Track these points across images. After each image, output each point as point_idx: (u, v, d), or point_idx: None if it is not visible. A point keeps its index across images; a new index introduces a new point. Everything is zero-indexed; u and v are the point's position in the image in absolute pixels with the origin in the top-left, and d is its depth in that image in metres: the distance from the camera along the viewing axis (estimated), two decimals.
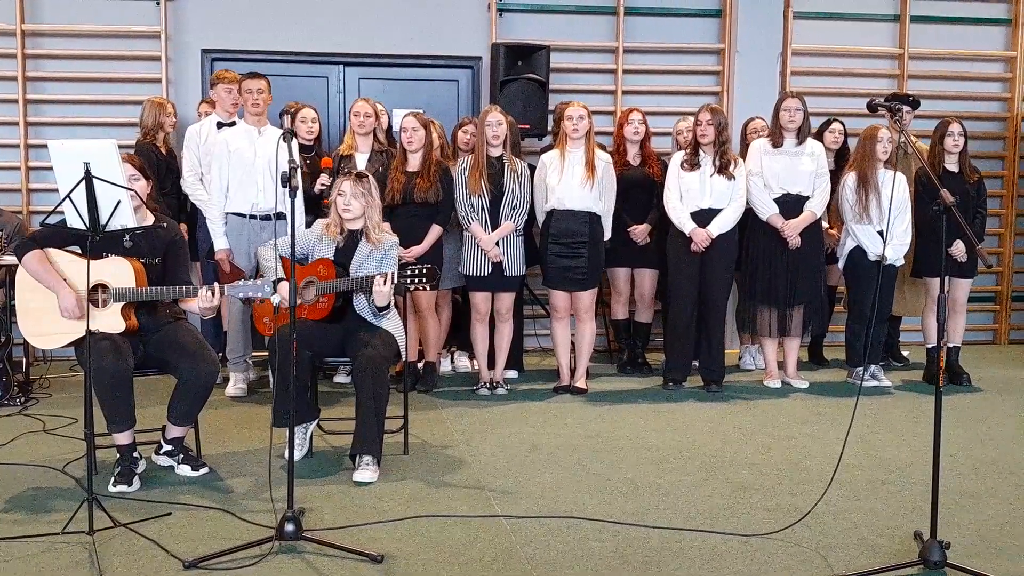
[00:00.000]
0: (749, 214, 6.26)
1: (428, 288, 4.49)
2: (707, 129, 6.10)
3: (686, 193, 6.17)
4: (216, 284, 4.21)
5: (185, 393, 4.30)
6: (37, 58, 7.24)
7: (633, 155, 6.57)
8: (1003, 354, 8.02)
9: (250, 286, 4.13)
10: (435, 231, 5.99)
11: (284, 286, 4.40)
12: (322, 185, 6.06)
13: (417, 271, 4.37)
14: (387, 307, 4.52)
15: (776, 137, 6.26)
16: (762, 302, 6.34)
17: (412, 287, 4.42)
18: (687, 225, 6.12)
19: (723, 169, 6.12)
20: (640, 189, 6.50)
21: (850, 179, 6.31)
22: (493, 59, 7.24)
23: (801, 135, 6.24)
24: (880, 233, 6.21)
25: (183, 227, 6.12)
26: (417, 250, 5.89)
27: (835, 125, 6.85)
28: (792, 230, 6.18)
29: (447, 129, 6.70)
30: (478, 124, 6.11)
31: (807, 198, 6.25)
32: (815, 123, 6.78)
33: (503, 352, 6.24)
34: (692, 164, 6.17)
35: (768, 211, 6.23)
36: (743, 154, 6.45)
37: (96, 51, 7.25)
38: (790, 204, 6.23)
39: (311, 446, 4.75)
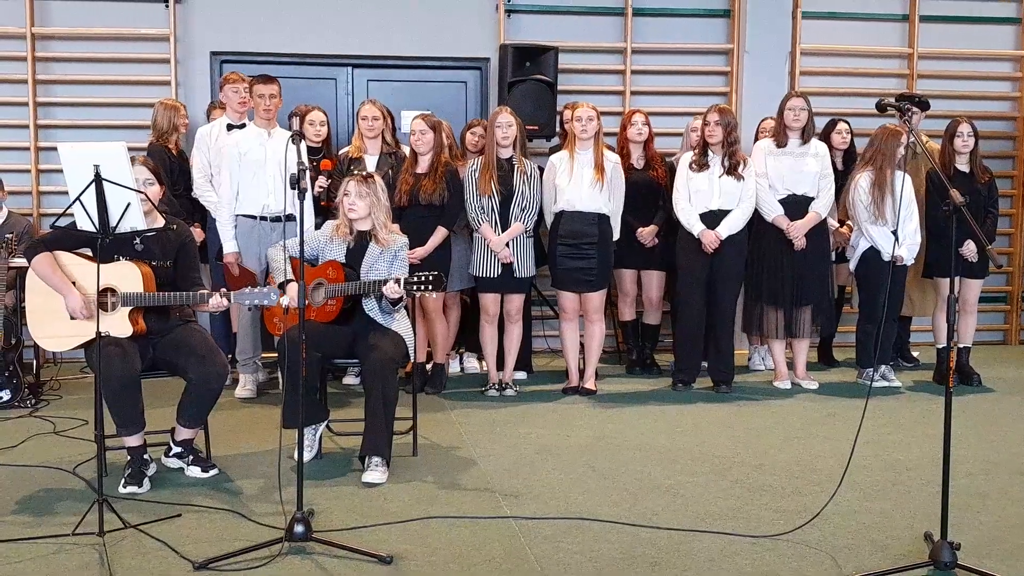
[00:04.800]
0: (755, 215, 6.25)
1: (434, 294, 4.48)
2: (715, 130, 6.09)
3: (695, 194, 6.16)
4: (223, 289, 4.23)
5: (194, 395, 4.31)
6: (47, 61, 7.27)
7: (637, 157, 6.56)
8: (1014, 354, 7.98)
9: (256, 294, 4.13)
10: (440, 233, 5.99)
11: (293, 287, 4.42)
12: (320, 187, 6.07)
13: (423, 277, 4.36)
14: (400, 300, 4.52)
15: (780, 137, 6.25)
16: (768, 303, 6.33)
17: (418, 293, 4.41)
18: (696, 227, 6.11)
19: (732, 170, 6.11)
20: (644, 191, 6.47)
21: (864, 180, 6.24)
22: (501, 60, 7.23)
23: (805, 135, 6.22)
24: (894, 233, 6.19)
25: (197, 228, 6.16)
26: (420, 251, 5.89)
27: (841, 125, 6.81)
28: (797, 231, 6.17)
29: (456, 130, 6.69)
30: (488, 125, 6.12)
31: (812, 199, 6.23)
32: (823, 123, 6.77)
33: (512, 353, 6.24)
34: (701, 165, 6.16)
35: (773, 212, 6.21)
36: None
37: (105, 54, 7.27)
38: (795, 205, 6.22)
39: (320, 447, 4.76)
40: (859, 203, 6.26)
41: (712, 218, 6.12)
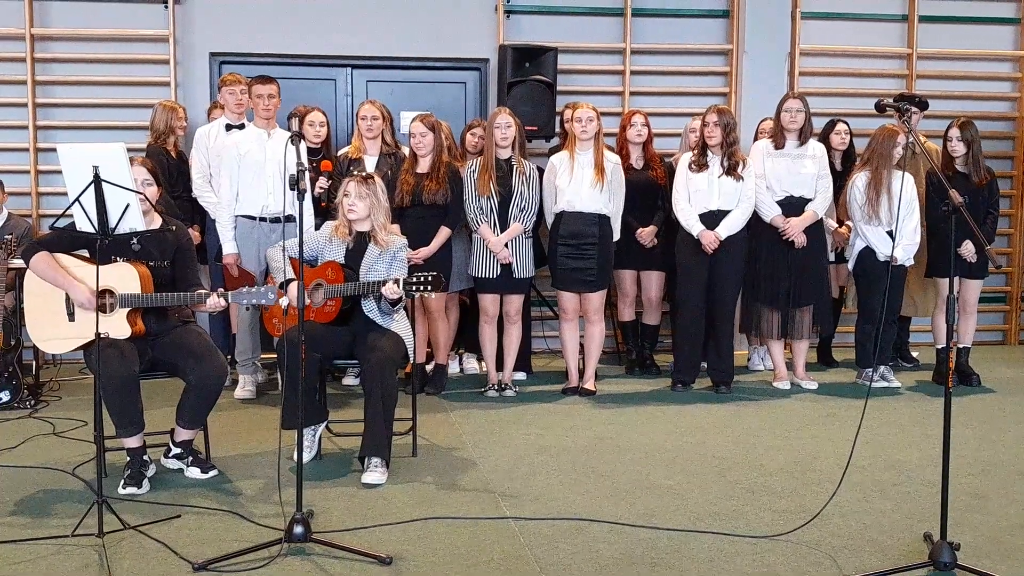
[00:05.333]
0: (752, 216, 6.24)
1: (433, 295, 4.47)
2: (714, 130, 6.09)
3: (695, 194, 6.16)
4: (221, 289, 4.24)
5: (194, 396, 4.31)
6: (46, 62, 7.26)
7: (636, 158, 6.56)
8: (1013, 355, 7.98)
9: (254, 293, 4.13)
10: (443, 233, 6.00)
11: (292, 287, 4.42)
12: (320, 188, 6.07)
13: (422, 278, 4.36)
14: (399, 301, 4.51)
15: (778, 138, 6.25)
16: (766, 304, 6.33)
17: (416, 294, 4.41)
18: (695, 227, 6.10)
19: (731, 170, 6.11)
20: (643, 192, 6.47)
21: (861, 179, 6.26)
22: (500, 61, 7.24)
23: (803, 136, 6.22)
24: (889, 234, 6.20)
25: (196, 229, 6.16)
26: (425, 252, 5.90)
27: (840, 126, 6.81)
28: (794, 229, 6.16)
29: (456, 131, 6.70)
30: (487, 126, 6.12)
31: (810, 200, 6.23)
32: (822, 124, 6.77)
33: (511, 354, 6.23)
34: (700, 165, 6.16)
35: (771, 213, 6.21)
36: None
37: (105, 54, 7.26)
38: (793, 206, 6.22)
39: (320, 448, 4.76)
40: (854, 202, 6.28)
41: (711, 218, 6.12)
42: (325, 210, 6.08)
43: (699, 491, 4.25)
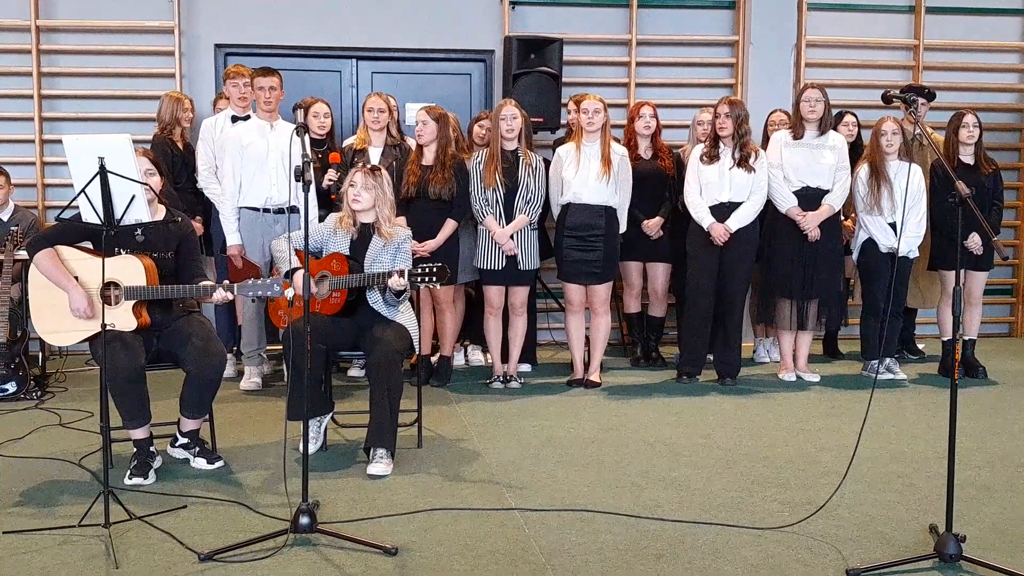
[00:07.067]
0: (768, 206, 6.24)
1: (438, 286, 4.47)
2: (725, 122, 6.07)
3: (706, 186, 6.15)
4: (227, 282, 4.24)
5: (193, 384, 4.31)
6: (51, 53, 7.27)
7: (644, 148, 6.55)
8: (1019, 347, 7.97)
9: (259, 285, 4.13)
10: (449, 225, 5.99)
11: (298, 276, 4.42)
12: (330, 180, 6.07)
13: (427, 269, 4.36)
14: (404, 292, 4.51)
15: (797, 129, 6.24)
16: (780, 294, 6.31)
17: (422, 285, 4.40)
18: (706, 219, 6.09)
19: (743, 162, 6.09)
20: (652, 183, 6.48)
21: (863, 171, 6.30)
22: (506, 52, 7.22)
23: (822, 126, 6.20)
24: (892, 225, 6.19)
25: (199, 221, 6.16)
26: (431, 244, 5.90)
27: (848, 118, 6.80)
28: (810, 223, 6.15)
29: (462, 123, 6.69)
30: (492, 118, 6.11)
31: (827, 191, 6.21)
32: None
33: (517, 346, 6.24)
34: (711, 157, 6.15)
35: (787, 204, 6.20)
36: (765, 147, 6.40)
37: (110, 46, 7.27)
38: (810, 197, 6.20)
39: (325, 439, 4.77)
40: (856, 193, 6.29)
41: (722, 210, 6.10)
42: (334, 202, 6.08)
43: (704, 483, 4.26)
